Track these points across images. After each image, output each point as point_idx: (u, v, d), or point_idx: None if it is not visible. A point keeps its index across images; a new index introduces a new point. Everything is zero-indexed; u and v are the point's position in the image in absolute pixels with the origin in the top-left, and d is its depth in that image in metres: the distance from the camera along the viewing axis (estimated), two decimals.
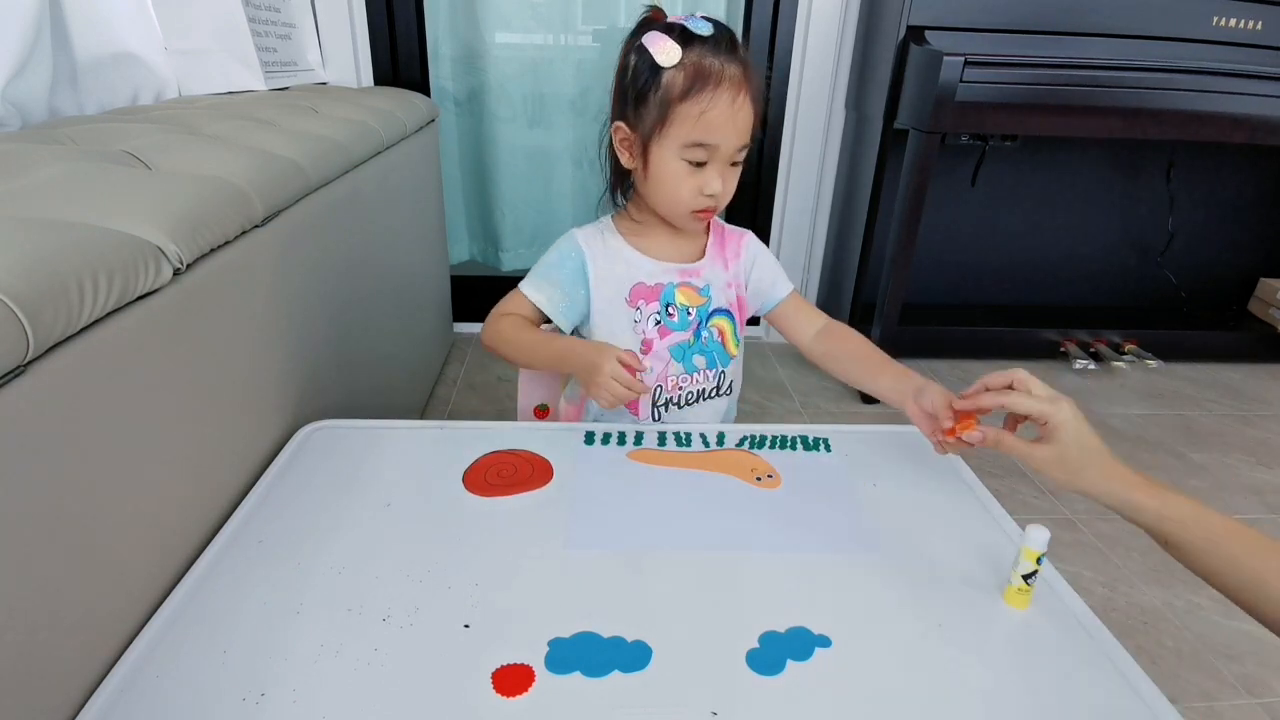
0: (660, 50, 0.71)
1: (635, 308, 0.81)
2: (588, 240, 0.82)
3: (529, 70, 1.99)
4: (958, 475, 0.76)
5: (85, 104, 1.09)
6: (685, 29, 0.72)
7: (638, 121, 0.73)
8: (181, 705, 0.47)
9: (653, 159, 0.74)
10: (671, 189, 0.75)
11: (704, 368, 0.85)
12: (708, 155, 0.73)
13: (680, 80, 0.70)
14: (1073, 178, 2.05)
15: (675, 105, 0.71)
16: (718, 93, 0.70)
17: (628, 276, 0.81)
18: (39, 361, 0.44)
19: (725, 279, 0.85)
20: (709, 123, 0.71)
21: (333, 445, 0.77)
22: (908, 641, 0.53)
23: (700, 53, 0.71)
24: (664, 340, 0.82)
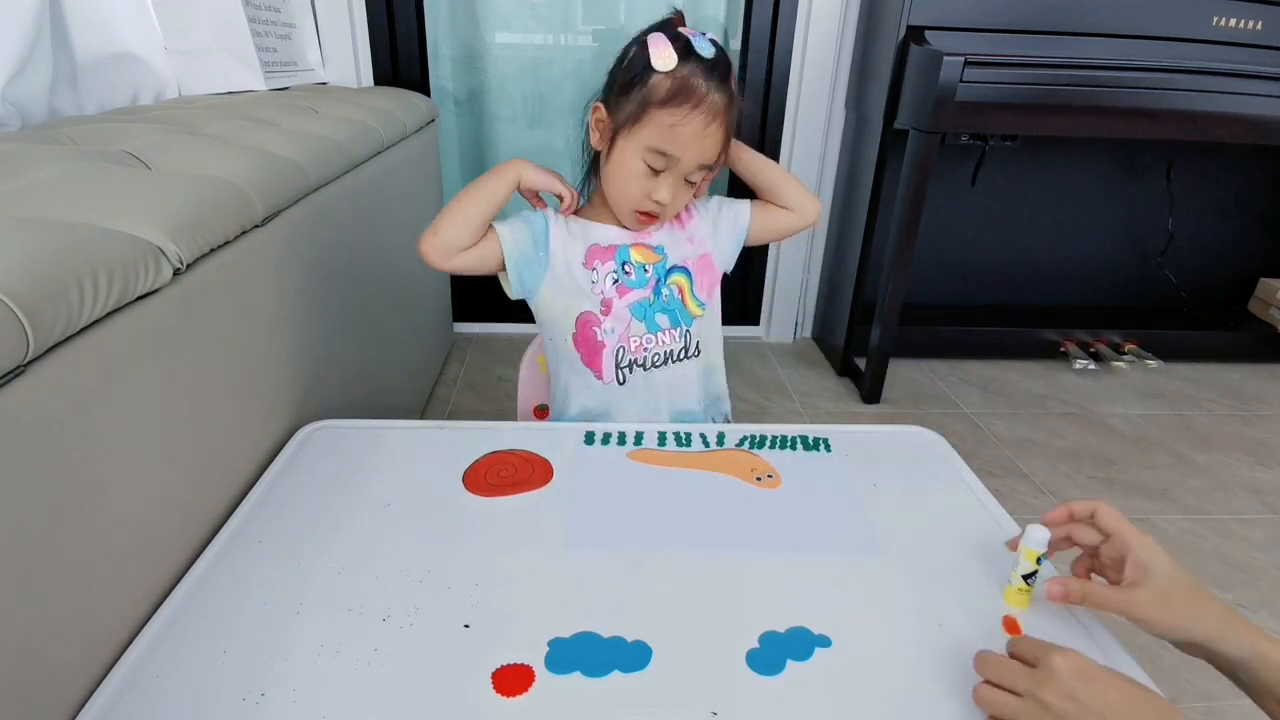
0: (658, 53, 0.73)
1: (591, 268, 0.83)
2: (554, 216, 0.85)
3: (529, 70, 1.99)
4: (958, 475, 0.76)
5: (85, 104, 1.09)
6: (690, 44, 0.74)
7: (616, 109, 0.76)
8: (181, 705, 0.47)
9: (617, 149, 0.77)
10: (623, 183, 0.77)
11: (668, 326, 0.85)
12: (666, 165, 0.75)
13: (666, 87, 0.73)
14: (1073, 178, 2.05)
15: (652, 108, 0.73)
16: (694, 113, 0.72)
17: (584, 240, 0.83)
18: (39, 361, 0.44)
19: (683, 236, 0.86)
20: (677, 136, 0.73)
21: (333, 445, 0.77)
22: (908, 641, 0.53)
23: (693, 70, 0.73)
24: (623, 299, 0.83)
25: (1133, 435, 1.69)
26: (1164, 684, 0.47)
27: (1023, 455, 1.58)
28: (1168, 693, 0.48)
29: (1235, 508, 1.43)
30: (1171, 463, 1.58)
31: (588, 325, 0.83)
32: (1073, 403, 1.84)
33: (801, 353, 2.10)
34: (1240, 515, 1.41)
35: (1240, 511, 1.42)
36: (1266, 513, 1.42)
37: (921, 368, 2.00)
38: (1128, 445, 1.65)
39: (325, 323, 0.94)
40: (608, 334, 0.83)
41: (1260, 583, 1.21)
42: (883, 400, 1.81)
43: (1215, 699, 0.99)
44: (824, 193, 2.02)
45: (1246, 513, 1.42)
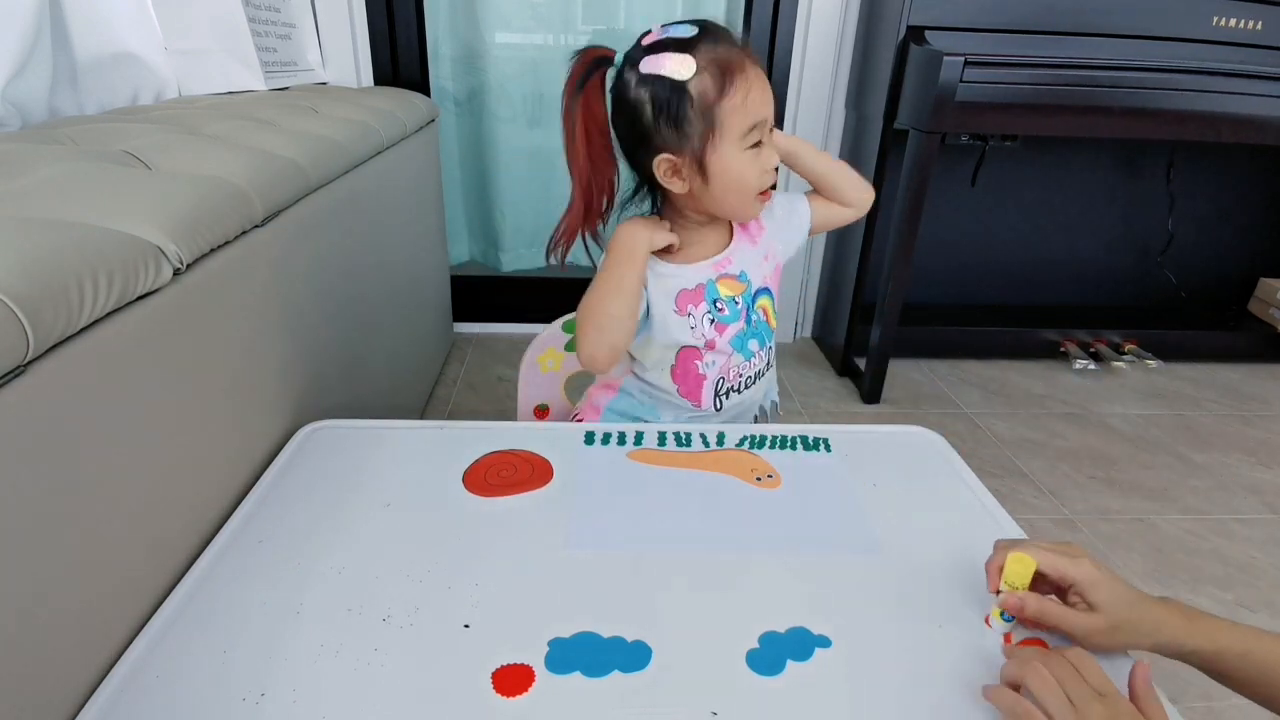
0: (674, 67, 0.69)
1: (686, 314, 0.80)
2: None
3: (529, 70, 1.99)
4: (958, 475, 0.76)
5: (85, 104, 1.09)
6: (674, 39, 0.71)
7: (683, 142, 0.71)
8: (181, 705, 0.47)
9: (712, 166, 0.72)
10: (740, 182, 0.74)
11: (758, 349, 0.85)
12: (762, 133, 0.73)
13: (709, 82, 0.69)
14: (1073, 178, 2.05)
15: (718, 104, 0.70)
16: (742, 75, 0.70)
17: (671, 288, 0.80)
18: (39, 361, 0.44)
19: (759, 254, 0.85)
20: (753, 103, 0.71)
21: (333, 445, 0.77)
22: (908, 641, 0.53)
23: (706, 50, 0.70)
24: (723, 335, 0.82)
25: (1133, 435, 1.69)
26: (1164, 684, 0.47)
27: (1023, 455, 1.58)
28: (1168, 692, 0.48)
29: (1235, 508, 1.43)
30: (1171, 463, 1.58)
31: (689, 359, 0.82)
32: (1073, 403, 1.84)
33: (801, 353, 2.10)
34: (1240, 515, 1.41)
35: (1240, 511, 1.42)
36: (1266, 513, 1.42)
37: (921, 368, 2.00)
38: (1128, 445, 1.65)
39: (325, 323, 0.94)
40: (709, 367, 0.82)
41: (1260, 583, 1.21)
42: (883, 400, 1.81)
43: (1215, 699, 0.99)
44: None
45: (1246, 513, 1.42)
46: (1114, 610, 0.51)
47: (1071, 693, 0.44)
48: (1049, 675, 0.45)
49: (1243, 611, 1.14)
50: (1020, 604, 0.52)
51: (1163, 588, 1.18)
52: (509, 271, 2.16)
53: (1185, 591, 1.17)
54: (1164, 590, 1.17)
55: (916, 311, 1.99)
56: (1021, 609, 0.52)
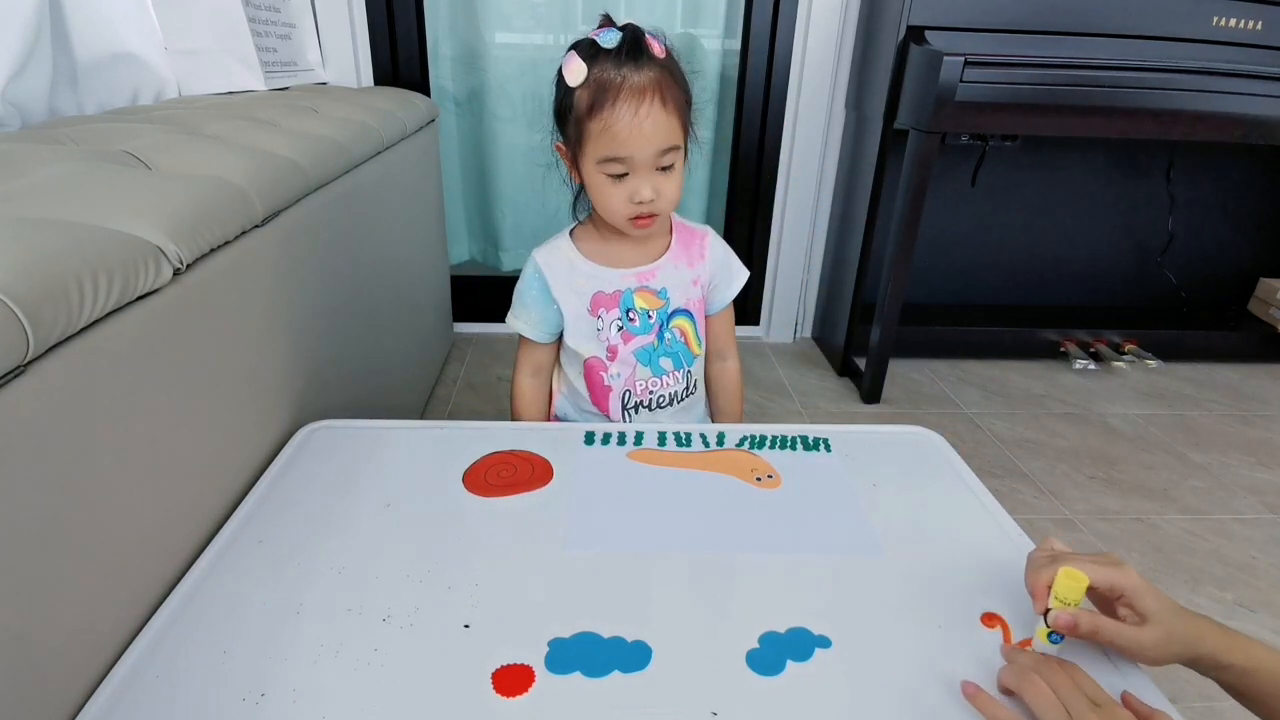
0: (569, 71, 0.71)
1: (597, 316, 0.83)
2: (546, 260, 0.84)
3: (529, 70, 1.99)
4: (958, 475, 0.76)
5: (85, 104, 1.09)
6: (594, 43, 0.71)
7: (568, 141, 0.76)
8: (181, 705, 0.47)
9: (584, 174, 0.76)
10: (603, 201, 0.76)
11: (671, 369, 0.86)
12: (625, 167, 0.72)
13: (585, 98, 0.70)
14: (1073, 178, 2.05)
15: (585, 123, 0.71)
16: (617, 106, 0.69)
17: (587, 287, 0.83)
18: (39, 361, 0.44)
19: (689, 277, 0.85)
20: (614, 137, 0.70)
21: (333, 445, 0.77)
22: (908, 641, 0.53)
23: (603, 67, 0.70)
24: (628, 345, 0.84)
25: (1133, 435, 1.69)
26: (1164, 684, 0.47)
27: (1023, 455, 1.58)
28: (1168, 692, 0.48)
29: (1235, 508, 1.43)
30: (1171, 463, 1.58)
31: (594, 370, 0.85)
32: (1073, 403, 1.84)
33: (801, 353, 2.10)
34: (1240, 515, 1.41)
35: (1240, 511, 1.42)
36: (1266, 513, 1.42)
37: (921, 368, 2.00)
38: (1128, 445, 1.65)
39: (325, 323, 0.94)
40: (614, 379, 0.85)
41: (1260, 583, 1.21)
42: (883, 400, 1.81)
43: (1215, 699, 0.99)
44: (824, 193, 2.02)
45: (1246, 513, 1.42)
46: (1165, 619, 0.49)
47: (1069, 704, 0.43)
48: (1046, 688, 0.44)
49: (1242, 611, 1.14)
50: (1073, 622, 0.48)
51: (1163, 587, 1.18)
52: (509, 271, 2.16)
53: (1185, 591, 1.17)
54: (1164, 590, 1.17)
55: (916, 311, 1.99)
56: (1075, 627, 0.48)
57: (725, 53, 2.00)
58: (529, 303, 0.85)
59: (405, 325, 1.43)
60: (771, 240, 2.07)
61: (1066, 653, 0.50)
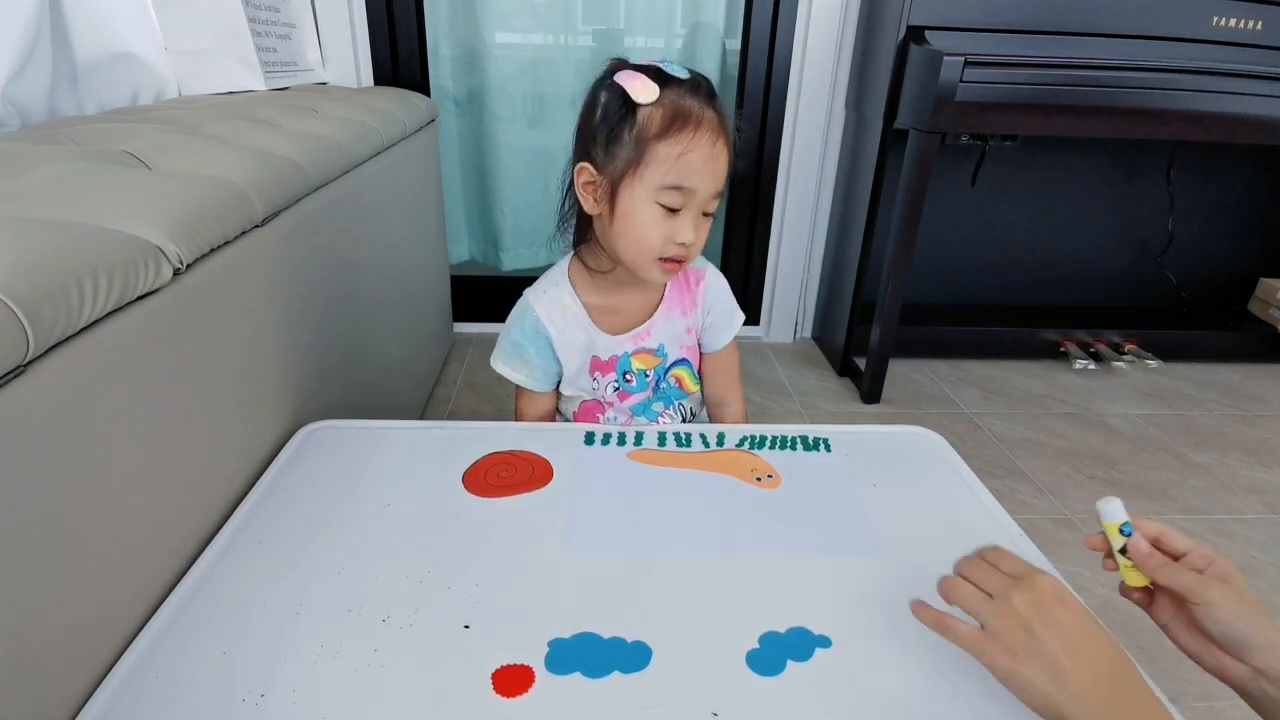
0: (637, 87, 0.67)
1: (593, 378, 0.83)
2: (547, 312, 0.80)
3: (529, 70, 1.99)
4: (958, 475, 0.76)
5: (85, 104, 1.09)
6: (660, 70, 0.68)
7: (607, 162, 0.69)
8: (181, 705, 0.47)
9: (622, 202, 0.69)
10: (640, 235, 0.70)
11: (663, 410, 0.87)
12: (683, 200, 0.69)
13: (659, 117, 0.66)
14: (1073, 178, 2.05)
15: (652, 144, 0.66)
16: (699, 134, 0.66)
17: (587, 348, 0.81)
18: (39, 361, 0.44)
19: (683, 326, 0.83)
20: (690, 164, 0.67)
21: (333, 445, 0.77)
22: (908, 641, 0.53)
23: (679, 93, 0.67)
24: (624, 403, 0.84)
25: (1133, 435, 1.69)
26: (1164, 684, 0.47)
27: (1023, 455, 1.58)
28: (1168, 692, 0.48)
29: (1235, 508, 1.43)
30: (1171, 463, 1.58)
31: (590, 412, 0.85)
32: (1073, 403, 1.84)
33: (801, 353, 2.10)
34: (1240, 515, 1.41)
35: (1240, 511, 1.42)
36: (1266, 513, 1.42)
37: (921, 368, 2.00)
38: (1128, 445, 1.65)
39: (325, 323, 0.94)
40: (612, 421, 0.85)
41: (1260, 583, 1.21)
42: (883, 400, 1.81)
43: (1215, 699, 0.99)
44: (824, 192, 2.02)
45: (1246, 513, 1.42)
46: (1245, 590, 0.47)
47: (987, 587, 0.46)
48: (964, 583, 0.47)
49: None
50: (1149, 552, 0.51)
51: None
52: (509, 271, 2.16)
53: None
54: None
55: (916, 311, 1.99)
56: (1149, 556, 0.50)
57: (725, 53, 2.00)
58: (531, 359, 0.81)
59: (405, 325, 1.43)
60: (771, 240, 2.07)
61: None
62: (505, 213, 2.11)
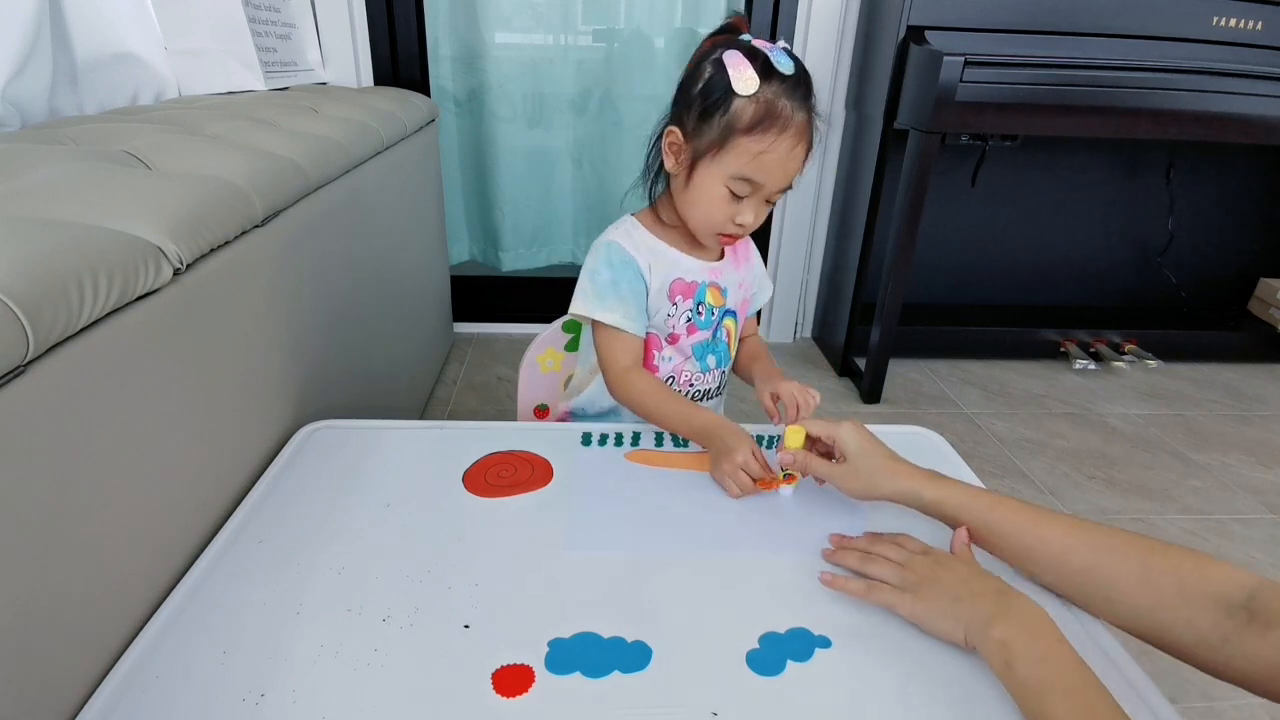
0: (740, 76, 0.68)
1: (673, 302, 0.81)
2: (633, 246, 0.79)
3: (529, 70, 1.99)
4: (958, 475, 0.75)
5: (85, 104, 1.09)
6: (769, 60, 0.70)
7: (695, 135, 0.72)
8: (181, 705, 0.47)
9: (698, 175, 0.73)
10: (707, 209, 0.75)
11: (714, 366, 0.86)
12: (752, 190, 0.72)
13: (750, 113, 0.69)
14: (1073, 178, 2.05)
15: (738, 135, 0.69)
16: (782, 137, 0.69)
17: (671, 271, 0.80)
18: (39, 361, 0.44)
19: (737, 280, 0.86)
20: (764, 163, 0.70)
21: (333, 445, 0.77)
22: (907, 642, 0.53)
23: (778, 91, 0.69)
24: (690, 337, 0.83)
25: (1133, 435, 1.69)
26: (1163, 684, 0.47)
27: (1023, 455, 1.58)
28: (1167, 692, 0.48)
29: (1235, 508, 1.43)
30: (1171, 463, 1.58)
31: (650, 345, 0.83)
32: (1073, 403, 1.84)
33: (801, 353, 2.10)
34: (1240, 515, 1.41)
35: (1240, 511, 1.42)
36: (1266, 513, 1.42)
37: (921, 368, 2.00)
38: (1128, 445, 1.65)
39: (325, 323, 0.94)
40: (665, 361, 0.83)
41: None
42: (883, 400, 1.81)
43: (1215, 699, 0.99)
44: (824, 193, 2.02)
45: (1246, 513, 1.42)
46: (859, 460, 0.64)
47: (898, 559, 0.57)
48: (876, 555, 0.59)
49: None
50: (792, 459, 0.68)
51: None
52: (509, 271, 2.16)
53: None
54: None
55: (916, 311, 1.99)
56: (793, 462, 0.68)
57: None
58: (625, 292, 0.78)
59: (405, 325, 1.43)
60: (771, 240, 2.07)
61: None
62: (505, 213, 2.11)
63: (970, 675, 0.50)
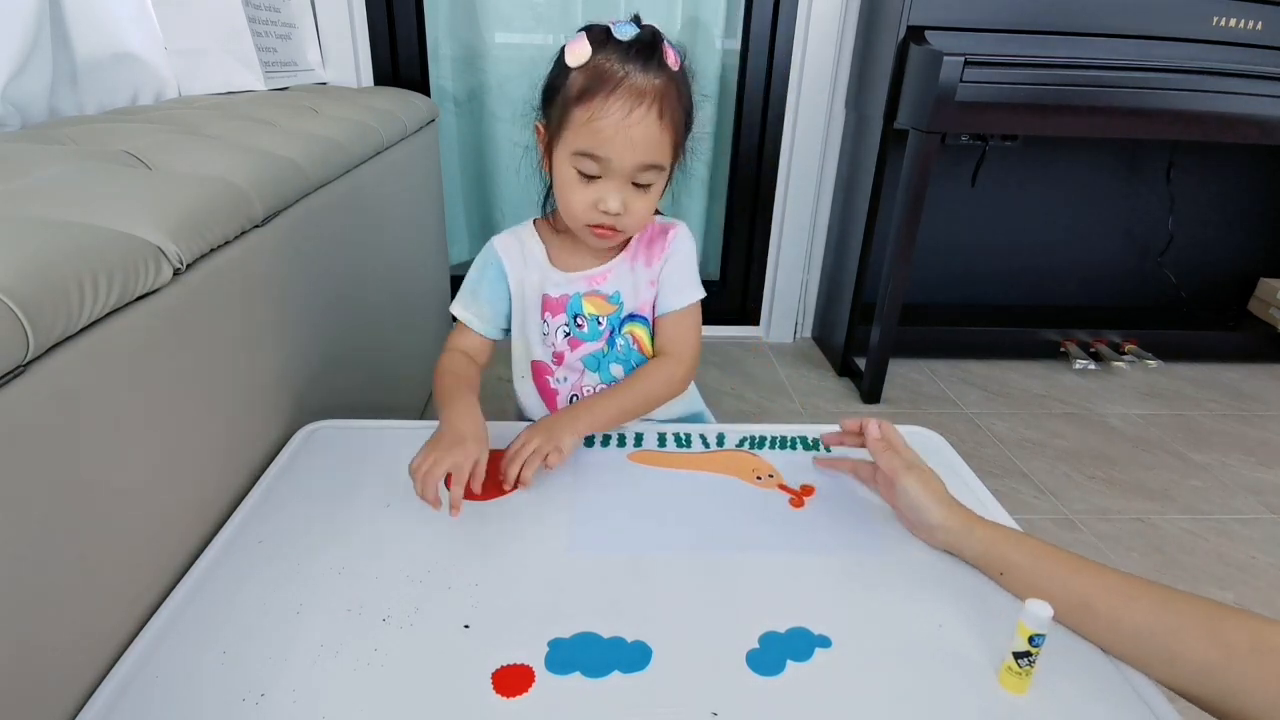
0: (571, 50, 0.66)
1: (544, 320, 0.79)
2: (505, 248, 0.79)
3: (529, 70, 1.98)
4: (957, 475, 0.76)
5: (85, 104, 1.09)
6: (608, 31, 0.67)
7: (548, 124, 0.70)
8: (181, 705, 0.47)
9: (554, 165, 0.70)
10: (565, 198, 0.70)
11: (623, 376, 0.80)
12: (599, 169, 0.67)
13: (579, 82, 0.65)
14: (1073, 178, 2.05)
15: (570, 108, 0.66)
16: (610, 100, 0.64)
17: (539, 286, 0.78)
18: (39, 361, 0.44)
19: (646, 277, 0.79)
20: (596, 131, 0.65)
21: (333, 445, 0.77)
22: (907, 642, 0.53)
23: (608, 56, 0.65)
24: (575, 352, 0.79)
25: (1133, 435, 1.69)
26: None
27: (1023, 455, 1.58)
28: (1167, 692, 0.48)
29: (1235, 508, 1.43)
30: (1171, 463, 1.58)
31: (540, 373, 0.82)
32: (1073, 403, 1.84)
33: (801, 353, 2.10)
34: (1240, 515, 1.41)
35: (1240, 511, 1.42)
36: (1266, 513, 1.42)
37: (921, 368, 2.00)
38: (1128, 445, 1.65)
39: (325, 323, 0.94)
40: (560, 383, 0.82)
41: (1260, 582, 1.21)
42: (883, 400, 1.81)
43: None
44: (824, 193, 2.02)
45: (1246, 513, 1.42)
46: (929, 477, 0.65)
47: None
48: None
49: None
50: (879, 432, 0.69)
51: None
52: None
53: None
54: None
55: (916, 311, 1.99)
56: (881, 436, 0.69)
57: (725, 53, 2.00)
58: (481, 296, 0.80)
59: (405, 325, 1.43)
60: (771, 240, 2.07)
61: None
62: (505, 213, 2.11)
63: (971, 675, 0.50)
